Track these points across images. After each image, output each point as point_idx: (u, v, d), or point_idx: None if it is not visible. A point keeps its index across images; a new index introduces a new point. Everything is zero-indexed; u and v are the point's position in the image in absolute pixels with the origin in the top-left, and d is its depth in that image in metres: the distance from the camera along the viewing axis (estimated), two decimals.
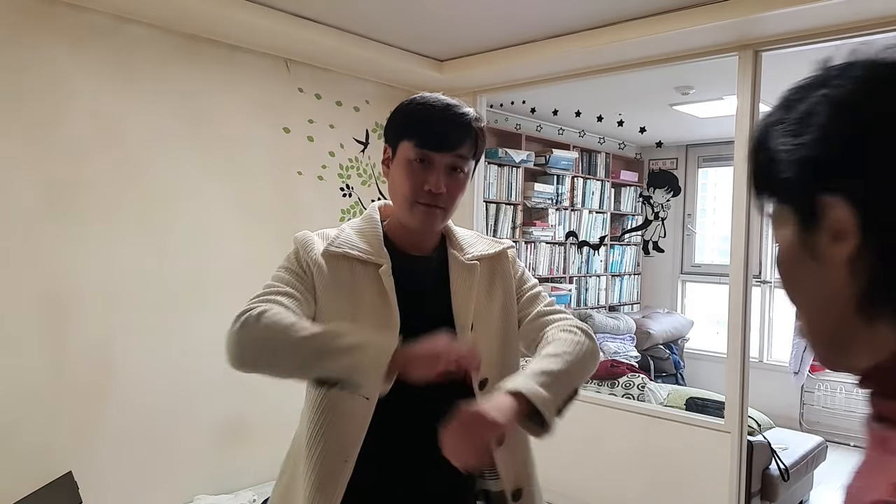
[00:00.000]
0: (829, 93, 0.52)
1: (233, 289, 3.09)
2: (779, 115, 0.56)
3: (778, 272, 0.61)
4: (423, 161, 1.18)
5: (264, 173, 3.20)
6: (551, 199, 5.07)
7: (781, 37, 2.72)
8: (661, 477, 3.07)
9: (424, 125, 1.18)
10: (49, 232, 2.51)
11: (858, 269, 0.50)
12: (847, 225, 0.50)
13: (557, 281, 5.22)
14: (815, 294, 0.56)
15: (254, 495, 3.01)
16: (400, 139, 1.21)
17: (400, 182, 1.20)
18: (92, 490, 2.45)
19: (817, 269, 0.54)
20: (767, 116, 0.59)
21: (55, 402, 2.53)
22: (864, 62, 0.53)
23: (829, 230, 0.51)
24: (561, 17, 2.87)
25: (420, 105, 1.21)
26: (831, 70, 0.54)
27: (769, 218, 0.60)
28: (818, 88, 0.53)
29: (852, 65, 0.53)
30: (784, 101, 0.57)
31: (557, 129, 5.08)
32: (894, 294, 0.50)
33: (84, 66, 2.57)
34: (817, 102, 0.53)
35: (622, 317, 4.95)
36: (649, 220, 5.50)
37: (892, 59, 0.52)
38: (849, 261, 0.51)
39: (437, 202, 1.19)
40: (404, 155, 1.20)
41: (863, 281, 0.51)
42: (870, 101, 0.51)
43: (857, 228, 0.50)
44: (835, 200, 0.50)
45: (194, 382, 2.94)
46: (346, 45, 3.11)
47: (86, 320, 2.61)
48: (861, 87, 0.52)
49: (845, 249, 0.51)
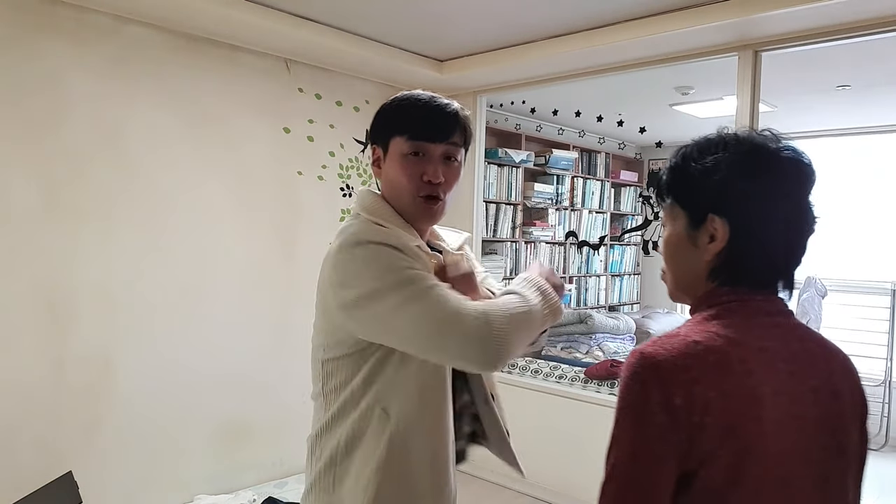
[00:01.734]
0: (725, 157, 0.94)
1: (233, 288, 3.10)
2: (694, 154, 0.97)
3: (663, 246, 1.04)
4: (417, 154, 1.19)
5: (264, 173, 3.20)
6: (551, 199, 5.07)
7: (781, 37, 2.72)
8: None
9: (414, 118, 1.19)
10: (49, 232, 2.51)
11: (717, 256, 0.96)
12: (722, 234, 0.94)
13: None
14: (687, 265, 1.00)
15: (254, 495, 3.01)
16: (391, 136, 1.20)
17: (397, 178, 1.20)
18: (92, 490, 2.45)
19: (694, 251, 0.98)
20: (686, 149, 0.99)
21: (55, 402, 2.53)
22: (748, 140, 0.95)
23: (708, 233, 0.96)
24: (561, 17, 2.87)
25: (406, 100, 1.22)
26: (729, 138, 0.96)
27: (663, 210, 1.04)
28: (720, 150, 0.95)
29: (741, 140, 0.95)
30: (698, 146, 0.98)
31: (557, 129, 5.08)
32: (729, 270, 0.96)
33: (84, 65, 2.58)
34: (719, 160, 0.94)
35: (622, 317, 4.95)
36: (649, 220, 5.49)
37: (765, 141, 0.95)
38: (716, 252, 0.96)
39: (437, 192, 1.20)
40: (398, 150, 1.19)
41: (716, 262, 0.96)
42: (745, 173, 0.93)
43: (727, 236, 0.94)
44: (718, 219, 0.94)
45: (194, 382, 2.94)
46: (346, 45, 3.12)
47: (86, 320, 2.61)
48: (742, 159, 0.93)
49: (717, 246, 0.95)
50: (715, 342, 0.89)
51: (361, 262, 1.09)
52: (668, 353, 0.87)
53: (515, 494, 3.50)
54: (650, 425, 0.85)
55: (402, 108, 1.21)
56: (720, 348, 0.88)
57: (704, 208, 0.95)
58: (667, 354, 0.87)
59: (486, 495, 3.42)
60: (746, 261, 0.95)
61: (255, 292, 3.18)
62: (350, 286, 1.09)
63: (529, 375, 3.83)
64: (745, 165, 0.93)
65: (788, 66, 3.31)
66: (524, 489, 3.49)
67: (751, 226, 0.93)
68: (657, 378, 0.86)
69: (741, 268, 0.95)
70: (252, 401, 3.16)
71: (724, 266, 0.96)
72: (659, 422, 0.85)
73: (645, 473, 0.86)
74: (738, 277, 0.95)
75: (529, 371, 3.87)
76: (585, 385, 3.64)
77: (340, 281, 1.11)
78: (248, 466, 3.16)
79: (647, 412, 0.86)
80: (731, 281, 0.96)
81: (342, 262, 1.12)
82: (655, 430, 0.85)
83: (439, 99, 1.22)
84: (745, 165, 0.93)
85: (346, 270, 1.11)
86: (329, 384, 1.19)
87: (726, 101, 3.97)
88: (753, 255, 0.94)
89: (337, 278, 1.12)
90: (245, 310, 3.13)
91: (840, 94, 3.88)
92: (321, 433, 1.21)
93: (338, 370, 1.18)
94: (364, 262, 1.09)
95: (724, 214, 0.94)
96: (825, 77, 3.57)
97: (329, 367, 1.19)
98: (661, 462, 0.85)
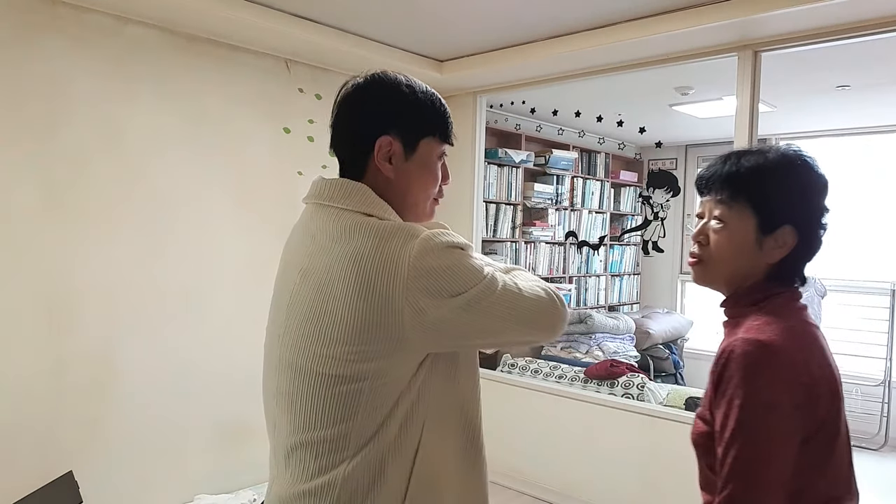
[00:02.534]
0: (801, 178, 1.10)
1: (233, 288, 3.10)
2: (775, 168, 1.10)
3: (721, 240, 1.11)
4: (441, 157, 1.14)
5: (264, 173, 3.20)
6: (551, 199, 5.07)
7: (781, 37, 2.72)
8: (661, 477, 3.07)
9: (447, 119, 1.13)
10: (49, 232, 2.51)
11: (780, 260, 1.09)
12: (791, 243, 1.08)
13: (557, 281, 5.22)
14: (748, 263, 1.11)
15: (254, 494, 3.01)
16: (423, 135, 1.10)
17: (425, 183, 1.12)
18: (92, 489, 2.45)
19: (757, 253, 1.10)
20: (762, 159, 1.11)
21: (56, 402, 2.53)
22: (810, 162, 1.11)
23: (776, 240, 1.08)
24: (561, 17, 2.87)
25: (431, 93, 1.13)
26: (799, 157, 1.11)
27: (719, 205, 1.12)
28: (794, 169, 1.10)
29: (807, 161, 1.11)
30: (776, 160, 1.10)
31: (557, 129, 5.08)
32: (786, 272, 1.10)
33: (84, 66, 2.58)
34: (798, 179, 1.10)
35: (622, 317, 4.95)
36: (649, 220, 5.49)
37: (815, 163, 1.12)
38: (781, 258, 1.09)
39: (442, 193, 1.18)
40: (431, 153, 1.11)
41: (777, 265, 1.10)
42: (818, 191, 1.11)
43: (794, 245, 1.08)
44: (791, 230, 1.08)
45: (194, 382, 2.95)
46: (346, 45, 3.12)
47: (86, 320, 2.61)
48: (815, 180, 1.11)
49: (783, 253, 1.09)
50: (803, 326, 1.06)
51: (455, 269, 0.98)
52: (783, 341, 0.99)
53: (515, 494, 3.50)
54: (783, 405, 0.96)
55: (436, 107, 1.12)
56: (809, 330, 1.06)
57: (781, 219, 1.08)
58: (782, 342, 0.99)
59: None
60: (801, 265, 1.12)
61: (255, 292, 3.18)
62: (446, 295, 0.96)
63: (529, 375, 3.83)
64: (819, 185, 1.10)
65: (788, 66, 3.31)
66: (524, 489, 3.49)
67: (813, 237, 1.10)
68: (784, 363, 0.98)
69: (797, 270, 1.12)
70: (252, 400, 3.15)
71: (783, 269, 1.10)
72: (791, 402, 0.96)
73: (781, 449, 0.96)
74: (789, 278, 1.12)
75: (529, 371, 3.87)
76: (585, 385, 3.65)
77: (430, 292, 0.96)
78: (249, 466, 3.16)
79: (778, 394, 0.96)
80: (782, 280, 1.11)
81: (429, 272, 0.96)
82: (788, 409, 0.96)
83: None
84: (819, 185, 1.10)
85: (438, 280, 0.97)
86: (367, 416, 0.99)
87: (726, 101, 3.97)
88: (807, 259, 1.12)
89: (425, 290, 0.96)
90: (245, 309, 3.13)
91: (840, 94, 3.88)
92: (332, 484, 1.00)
93: (379, 399, 0.99)
94: (456, 268, 0.99)
95: (796, 226, 1.08)
96: (825, 77, 3.57)
97: (370, 398, 0.99)
98: (792, 437, 0.97)
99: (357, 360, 0.97)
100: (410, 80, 1.12)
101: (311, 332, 1.00)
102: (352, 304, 0.96)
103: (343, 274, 0.97)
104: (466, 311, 0.97)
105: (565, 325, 1.11)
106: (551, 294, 1.08)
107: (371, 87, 1.09)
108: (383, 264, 0.96)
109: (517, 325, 1.03)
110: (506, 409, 3.61)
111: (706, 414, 1.08)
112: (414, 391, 1.01)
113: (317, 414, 1.00)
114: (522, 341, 1.11)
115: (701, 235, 1.15)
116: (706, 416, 1.08)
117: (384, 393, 0.99)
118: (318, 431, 1.00)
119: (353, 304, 0.96)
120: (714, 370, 1.05)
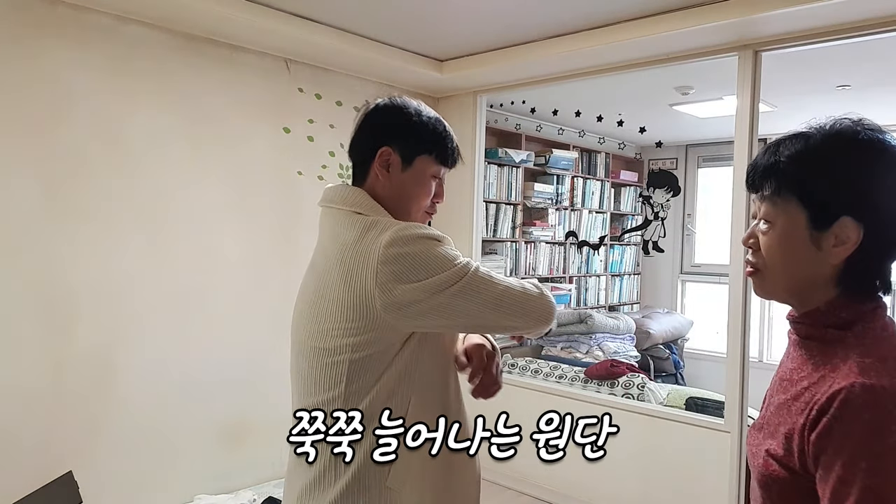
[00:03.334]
0: (859, 155, 0.89)
1: (232, 288, 3.10)
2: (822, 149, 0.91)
3: (772, 244, 0.94)
4: (437, 177, 1.29)
5: (264, 173, 3.20)
6: (551, 198, 5.07)
7: (781, 37, 2.72)
8: (661, 476, 3.07)
9: (446, 143, 1.28)
10: (49, 232, 2.51)
11: (847, 260, 0.89)
12: (855, 237, 0.87)
13: (557, 281, 5.22)
14: (808, 268, 0.92)
15: (254, 495, 3.01)
16: (420, 152, 1.26)
17: (417, 195, 1.27)
18: (92, 489, 2.45)
19: (816, 254, 0.90)
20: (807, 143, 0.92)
21: (56, 402, 2.53)
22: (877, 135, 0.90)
23: (836, 235, 0.88)
24: (561, 17, 2.87)
25: (437, 123, 1.29)
26: (856, 132, 0.90)
27: (764, 203, 0.95)
28: (851, 147, 0.90)
29: (871, 136, 0.90)
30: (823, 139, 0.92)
31: (557, 129, 5.08)
32: (861, 275, 0.90)
33: (84, 65, 2.58)
34: (855, 157, 0.89)
35: (622, 317, 4.95)
36: (649, 220, 5.49)
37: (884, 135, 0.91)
38: (846, 256, 0.89)
39: (435, 210, 1.33)
40: (425, 169, 1.27)
41: (846, 266, 0.90)
42: (882, 172, 0.88)
43: (860, 239, 0.87)
44: (851, 222, 0.87)
45: (194, 382, 2.95)
46: (346, 45, 3.12)
47: (86, 320, 2.61)
48: (878, 157, 0.89)
49: (848, 250, 0.88)
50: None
51: (422, 256, 1.11)
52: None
53: (516, 494, 3.50)
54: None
55: (437, 131, 1.28)
56: None
57: (835, 210, 0.88)
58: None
59: (486, 495, 3.41)
60: (879, 265, 0.91)
61: (255, 292, 3.18)
62: (413, 280, 1.10)
63: (529, 375, 3.83)
64: (885, 162, 0.89)
65: (788, 66, 3.31)
66: (524, 489, 3.49)
67: (884, 227, 0.88)
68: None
69: (873, 272, 0.91)
70: (252, 400, 3.16)
71: (855, 272, 0.90)
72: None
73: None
74: (868, 283, 0.91)
75: (529, 371, 3.87)
76: (585, 385, 3.65)
77: (398, 277, 1.10)
78: (248, 466, 3.16)
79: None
80: (860, 286, 0.91)
81: (396, 259, 1.10)
82: None
83: (449, 126, 1.32)
84: (885, 162, 0.89)
85: (405, 266, 1.10)
86: (355, 383, 1.14)
87: (726, 101, 3.97)
88: (886, 256, 0.91)
89: (392, 275, 1.10)
90: (245, 309, 3.13)
91: (840, 94, 3.88)
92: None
93: (364, 369, 1.14)
94: (423, 255, 1.12)
95: (857, 216, 0.87)
96: (825, 77, 3.57)
97: (355, 367, 1.14)
98: None
99: (340, 335, 1.13)
100: (422, 106, 1.31)
101: (310, 314, 1.20)
102: (338, 288, 1.13)
103: (334, 264, 1.16)
104: (436, 295, 1.10)
105: (551, 317, 1.20)
106: (538, 287, 1.19)
107: (385, 107, 1.30)
108: (361, 253, 1.12)
109: (493, 310, 1.14)
110: (506, 408, 3.60)
111: (779, 455, 0.91)
112: (399, 366, 1.15)
113: (313, 382, 1.17)
114: (506, 327, 1.20)
115: (751, 239, 0.98)
116: (780, 458, 0.91)
117: (367, 366, 1.13)
118: (313, 397, 1.17)
119: (338, 288, 1.13)
120: (815, 417, 0.85)
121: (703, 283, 5.85)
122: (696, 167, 5.83)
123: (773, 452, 0.92)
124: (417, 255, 1.11)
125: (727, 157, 4.48)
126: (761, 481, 0.94)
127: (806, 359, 0.94)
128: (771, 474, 0.92)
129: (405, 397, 1.15)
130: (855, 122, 0.92)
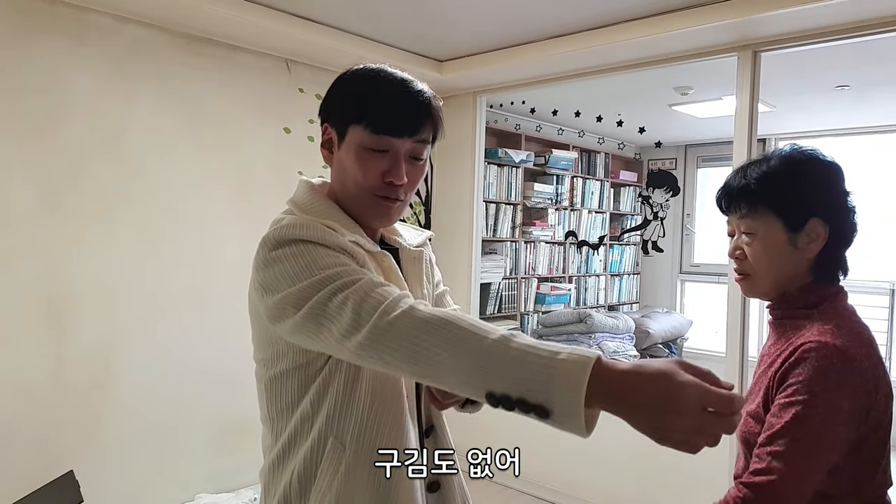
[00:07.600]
0: (814, 170, 1.15)
1: (233, 287, 3.09)
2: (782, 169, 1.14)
3: (758, 253, 1.15)
4: (378, 149, 1.00)
5: (265, 173, 3.20)
6: (551, 198, 5.07)
7: (781, 37, 2.72)
8: (660, 476, 3.07)
9: (380, 106, 1.00)
10: (49, 232, 2.51)
11: (819, 254, 1.12)
12: (823, 234, 1.12)
13: (557, 280, 5.22)
14: (790, 265, 1.15)
15: (254, 494, 3.01)
16: (348, 123, 1.01)
17: (352, 172, 1.02)
18: (93, 489, 2.45)
19: (794, 252, 1.14)
20: (767, 166, 1.15)
21: (56, 402, 2.54)
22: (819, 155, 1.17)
23: (808, 234, 1.12)
24: (561, 17, 2.87)
25: (371, 80, 1.02)
26: (806, 155, 1.16)
27: (742, 221, 1.17)
28: (804, 164, 1.15)
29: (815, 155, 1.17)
30: (783, 163, 1.15)
31: (557, 129, 5.09)
32: (829, 264, 1.14)
33: (84, 65, 2.58)
34: (811, 172, 1.15)
35: (621, 316, 4.95)
36: (648, 220, 5.49)
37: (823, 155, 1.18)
38: (818, 251, 1.12)
39: (397, 194, 1.03)
40: (356, 141, 1.00)
41: (818, 259, 1.13)
42: (833, 180, 1.15)
43: (826, 235, 1.11)
44: (819, 222, 1.12)
45: (195, 381, 2.95)
46: (346, 45, 3.12)
47: (86, 320, 2.61)
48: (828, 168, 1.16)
49: (819, 245, 1.12)
50: (867, 332, 1.10)
51: (283, 264, 0.94)
52: (856, 348, 1.04)
53: (516, 494, 3.50)
54: (842, 411, 1.00)
55: (367, 91, 1.01)
56: (871, 336, 1.10)
57: (805, 214, 1.12)
58: (855, 350, 1.03)
59: (486, 495, 3.42)
60: (841, 253, 1.15)
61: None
62: (273, 290, 0.94)
63: None
64: (830, 172, 1.15)
65: (788, 66, 3.31)
66: (524, 489, 3.50)
67: (842, 223, 1.14)
68: (855, 370, 1.02)
69: (837, 261, 1.15)
70: (252, 399, 3.14)
71: (825, 261, 1.14)
72: (849, 408, 1.00)
73: (826, 454, 1.00)
74: (835, 270, 1.15)
75: None
76: None
77: (263, 284, 0.96)
78: (249, 465, 3.16)
79: (841, 399, 0.99)
80: (828, 273, 1.15)
81: (262, 264, 0.97)
82: (845, 415, 1.00)
83: (412, 83, 1.03)
84: (830, 172, 1.15)
85: (267, 273, 0.96)
86: (276, 405, 1.04)
87: (725, 101, 3.97)
88: (846, 246, 1.15)
89: (260, 282, 0.97)
90: (245, 309, 3.12)
91: (840, 94, 3.88)
92: (273, 467, 1.06)
93: (284, 389, 1.02)
94: (285, 264, 0.94)
95: (822, 216, 1.12)
96: (825, 77, 3.57)
97: (275, 386, 1.04)
98: (839, 443, 1.00)
99: (262, 347, 1.08)
100: (367, 66, 1.06)
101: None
102: (249, 293, 1.07)
103: None
104: (284, 314, 0.93)
105: (357, 338, 0.85)
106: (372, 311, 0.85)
107: (336, 78, 1.09)
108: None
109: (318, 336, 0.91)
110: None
111: (759, 412, 1.11)
112: (320, 385, 1.00)
113: (258, 396, 1.13)
114: (327, 348, 0.93)
115: (737, 251, 1.20)
116: (759, 415, 1.11)
117: (291, 382, 1.03)
118: (261, 412, 1.12)
119: (249, 292, 1.07)
120: (780, 366, 1.08)
121: (702, 283, 5.86)
122: (696, 167, 5.83)
123: (752, 413, 1.13)
124: (281, 261, 0.95)
125: (726, 158, 4.49)
126: (742, 438, 1.15)
127: (780, 335, 1.16)
128: (749, 430, 1.12)
129: (348, 419, 0.99)
130: (794, 147, 1.18)
